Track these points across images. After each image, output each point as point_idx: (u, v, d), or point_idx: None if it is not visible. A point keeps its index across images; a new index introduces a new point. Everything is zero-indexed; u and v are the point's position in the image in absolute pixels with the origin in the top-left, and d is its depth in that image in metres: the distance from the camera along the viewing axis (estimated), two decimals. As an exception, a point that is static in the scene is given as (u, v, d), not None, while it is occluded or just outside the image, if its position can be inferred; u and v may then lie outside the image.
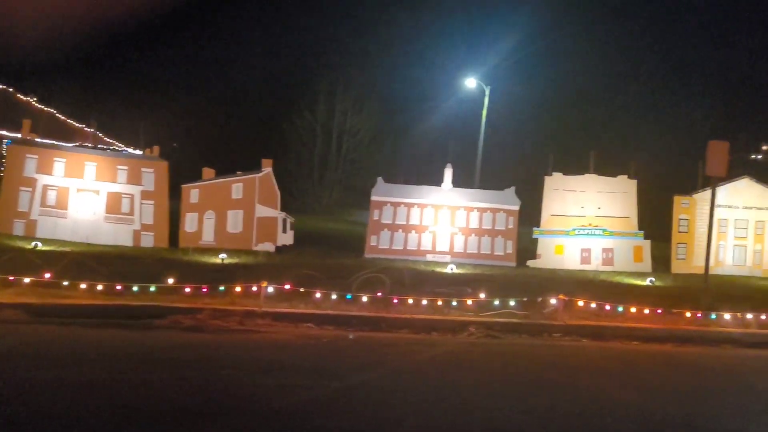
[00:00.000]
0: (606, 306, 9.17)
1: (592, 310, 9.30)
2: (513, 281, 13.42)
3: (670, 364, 7.74)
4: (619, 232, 17.73)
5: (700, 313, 9.43)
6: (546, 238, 17.51)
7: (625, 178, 17.95)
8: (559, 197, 17.68)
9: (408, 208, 16.90)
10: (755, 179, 17.97)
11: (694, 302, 11.44)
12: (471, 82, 31.12)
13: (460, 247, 17.01)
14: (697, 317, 9.40)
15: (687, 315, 9.35)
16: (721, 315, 9.48)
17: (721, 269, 17.86)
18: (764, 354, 8.60)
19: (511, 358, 7.40)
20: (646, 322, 9.13)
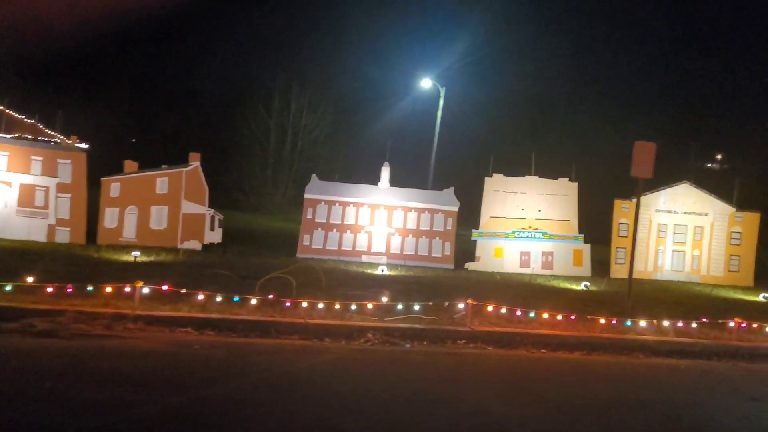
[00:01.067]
0: (517, 311, 8.61)
1: (504, 315, 8.73)
2: (442, 284, 12.84)
3: (571, 374, 7.20)
4: (559, 236, 17.36)
5: (615, 320, 8.96)
6: (485, 240, 17.03)
7: (567, 180, 17.61)
8: (500, 199, 17.24)
9: (343, 207, 16.22)
10: (694, 185, 17.82)
11: (622, 308, 11.03)
12: (426, 82, 30.70)
13: (396, 248, 16.40)
14: (612, 324, 8.92)
15: (601, 321, 8.85)
16: (637, 322, 9.01)
17: (660, 275, 17.68)
18: (675, 363, 8.15)
19: (399, 367, 6.76)
20: (560, 329, 8.61)
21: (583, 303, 11.47)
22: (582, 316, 8.89)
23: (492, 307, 8.52)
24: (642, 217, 17.65)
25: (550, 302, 11.15)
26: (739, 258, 17.58)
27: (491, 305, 8.56)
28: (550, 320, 8.72)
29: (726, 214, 17.62)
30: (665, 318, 9.44)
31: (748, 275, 17.52)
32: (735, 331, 9.23)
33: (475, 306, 8.28)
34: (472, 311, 8.24)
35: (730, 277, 17.48)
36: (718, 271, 17.59)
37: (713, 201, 17.66)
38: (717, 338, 9.17)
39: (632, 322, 8.97)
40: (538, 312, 8.68)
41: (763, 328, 9.44)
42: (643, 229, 17.66)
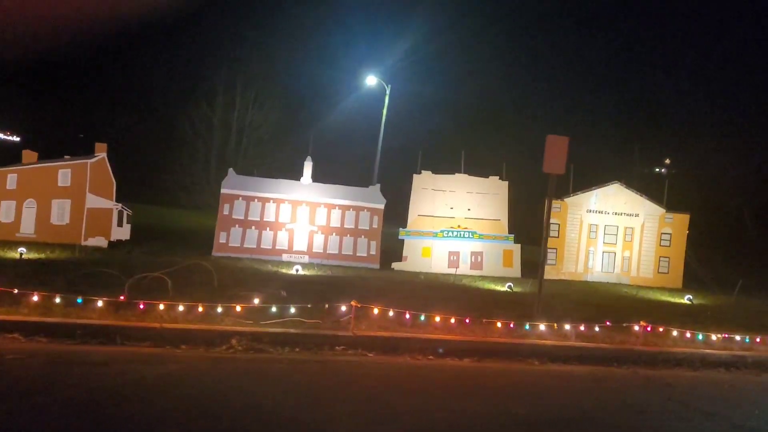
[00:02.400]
0: (405, 314, 7.82)
1: (398, 319, 7.95)
2: (356, 285, 12.00)
3: (449, 384, 6.45)
4: (489, 236, 16.77)
5: (513, 324, 8.27)
6: (413, 240, 16.31)
7: (497, 179, 17.04)
8: (428, 197, 16.54)
9: (262, 203, 15.25)
10: (625, 185, 17.48)
11: (548, 311, 10.41)
12: (371, 79, 29.94)
13: (319, 246, 15.52)
14: (510, 328, 8.23)
15: (498, 325, 8.15)
16: (537, 325, 8.35)
17: (590, 276, 17.27)
18: (570, 370, 7.50)
19: (252, 378, 5.89)
20: (455, 333, 7.87)
21: (496, 305, 10.80)
22: (478, 320, 8.18)
23: (377, 310, 7.70)
24: (573, 218, 17.24)
25: (461, 303, 10.46)
26: (669, 259, 17.31)
27: (377, 308, 7.75)
28: (444, 324, 7.98)
29: (656, 215, 17.34)
30: (576, 321, 8.83)
31: (677, 277, 17.27)
32: (641, 334, 8.67)
33: (359, 309, 7.46)
34: (357, 314, 7.42)
35: (660, 279, 17.20)
36: (648, 272, 17.29)
37: (644, 202, 17.36)
38: (623, 342, 8.59)
39: (531, 325, 8.30)
40: (429, 315, 7.92)
41: (670, 331, 8.91)
42: (573, 229, 17.24)
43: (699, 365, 8.34)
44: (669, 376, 7.78)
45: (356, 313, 7.45)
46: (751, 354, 8.72)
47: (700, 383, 7.64)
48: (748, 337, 9.00)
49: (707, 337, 8.89)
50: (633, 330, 8.72)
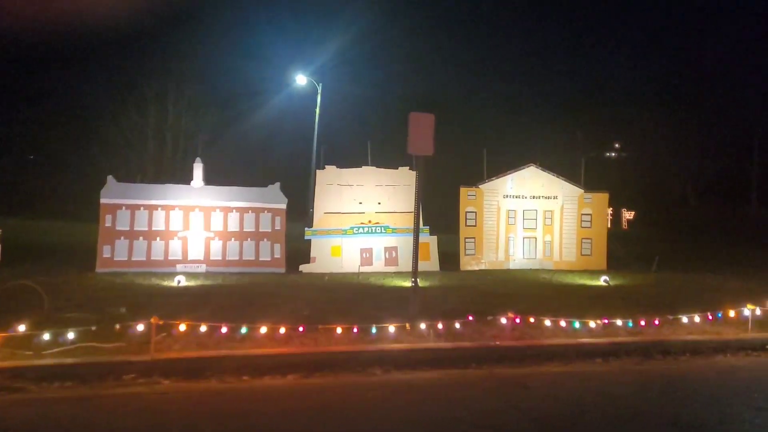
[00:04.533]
0: (222, 328, 6.59)
1: (221, 333, 6.70)
2: (235, 294, 10.77)
3: (250, 408, 5.25)
4: (402, 229, 15.60)
5: (357, 328, 7.09)
6: (320, 239, 15.07)
7: (407, 169, 15.89)
8: (334, 193, 15.32)
9: (149, 211, 13.85)
10: (541, 167, 16.49)
11: (434, 308, 9.33)
12: (301, 78, 28.74)
13: (217, 253, 14.18)
14: (354, 333, 7.05)
15: (338, 331, 6.97)
16: (386, 328, 7.18)
17: (512, 263, 16.25)
18: (413, 377, 6.34)
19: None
20: (289, 345, 6.67)
21: (380, 305, 9.67)
22: (313, 327, 6.98)
23: (185, 326, 6.44)
24: (489, 205, 16.20)
25: (341, 306, 9.30)
26: (591, 241, 16.38)
27: (185, 323, 6.49)
28: (272, 335, 6.77)
29: (575, 196, 16.39)
30: (461, 317, 7.72)
31: (601, 258, 16.34)
32: (508, 328, 7.58)
33: (161, 326, 6.19)
34: (157, 332, 6.16)
35: (584, 262, 16.25)
36: (571, 256, 16.33)
37: (561, 183, 16.40)
38: (494, 338, 7.49)
39: (380, 328, 7.13)
40: (254, 327, 6.69)
41: (542, 321, 7.83)
42: (491, 217, 16.20)
43: (574, 357, 7.28)
44: (532, 374, 6.69)
45: (159, 331, 6.19)
46: (634, 340, 7.69)
47: (566, 380, 6.56)
48: (631, 321, 7.97)
49: (585, 324, 7.83)
50: (499, 323, 7.62)
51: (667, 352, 7.56)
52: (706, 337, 7.94)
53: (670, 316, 8.29)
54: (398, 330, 7.19)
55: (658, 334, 7.99)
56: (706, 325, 8.41)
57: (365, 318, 7.77)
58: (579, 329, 7.80)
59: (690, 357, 7.57)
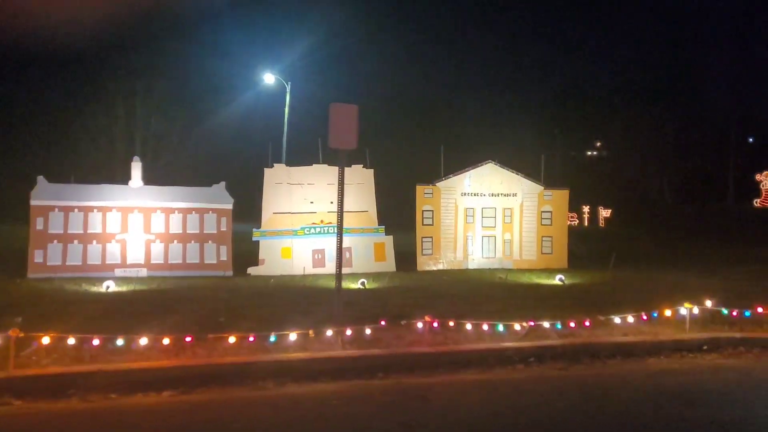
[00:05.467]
0: (94, 340, 5.95)
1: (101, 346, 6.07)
2: (157, 301, 10.12)
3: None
4: (356, 229, 15.04)
5: (253, 337, 6.49)
6: (269, 240, 14.46)
7: (360, 167, 15.33)
8: (284, 192, 14.72)
9: (85, 213, 13.18)
10: (499, 164, 15.97)
11: (368, 311, 8.80)
12: (269, 77, 28.15)
13: (159, 257, 13.53)
14: (250, 342, 6.45)
15: (231, 340, 6.36)
16: (286, 335, 6.58)
17: (471, 263, 15.71)
18: (308, 391, 5.75)
19: None
20: (176, 357, 6.06)
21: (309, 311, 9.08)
22: (203, 337, 6.36)
23: (48, 339, 5.80)
24: (447, 203, 15.66)
25: (263, 311, 8.71)
26: (552, 239, 15.87)
27: (50, 335, 5.84)
28: (166, 346, 6.15)
29: (535, 194, 15.87)
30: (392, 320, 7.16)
31: (562, 256, 15.84)
32: (426, 332, 7.01)
33: (20, 339, 5.56)
34: (16, 346, 5.52)
35: (544, 260, 15.73)
36: (531, 254, 15.81)
37: (521, 180, 15.88)
38: (412, 343, 6.92)
39: (280, 336, 6.53)
40: (131, 338, 6.06)
41: (463, 326, 7.27)
42: (448, 215, 15.65)
43: (494, 363, 6.72)
44: (441, 384, 6.12)
45: (22, 344, 5.55)
46: (562, 343, 7.14)
47: (476, 389, 6.00)
48: (560, 323, 7.42)
49: (510, 327, 7.28)
50: (415, 327, 7.05)
51: (596, 356, 7.02)
52: (639, 338, 7.41)
53: (602, 317, 7.75)
54: (301, 337, 6.59)
55: (592, 336, 7.45)
56: (644, 326, 7.89)
57: (284, 324, 7.20)
58: (503, 332, 7.24)
59: (621, 360, 7.03)
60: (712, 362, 7.11)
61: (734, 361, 7.17)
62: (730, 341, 7.51)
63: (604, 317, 7.72)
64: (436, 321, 7.02)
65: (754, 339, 7.58)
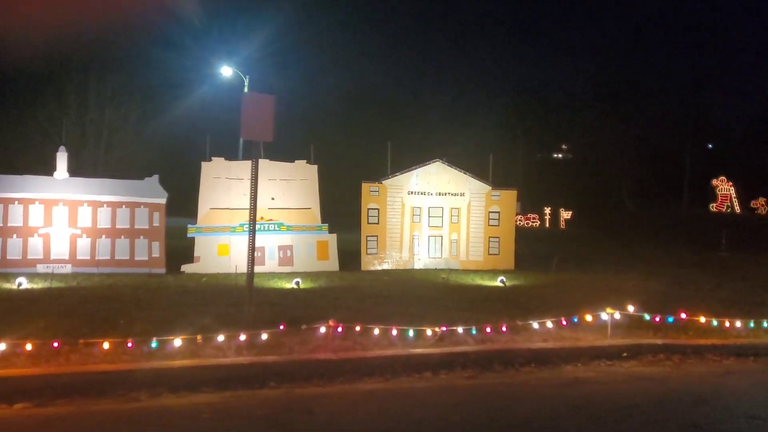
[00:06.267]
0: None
1: None
2: (70, 299, 9.46)
3: None
4: (298, 227, 14.52)
5: (132, 343, 5.93)
6: (205, 237, 13.83)
7: (304, 163, 14.80)
8: (222, 187, 14.09)
9: (5, 205, 12.39)
10: (447, 163, 15.62)
11: (286, 313, 8.31)
12: (227, 70, 27.37)
13: (85, 252, 12.80)
14: (128, 348, 5.89)
15: (105, 346, 5.80)
16: (170, 340, 6.04)
17: (417, 263, 15.32)
18: (184, 402, 5.22)
19: None
20: (56, 363, 5.48)
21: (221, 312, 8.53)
22: (74, 342, 5.78)
23: None
24: (393, 201, 15.24)
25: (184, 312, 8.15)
26: (499, 239, 15.58)
27: None
28: (37, 351, 5.55)
29: (482, 194, 15.55)
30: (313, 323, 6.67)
31: (509, 258, 15.56)
32: (330, 338, 6.55)
33: None
34: None
35: (491, 261, 15.43)
36: (478, 255, 15.50)
37: (468, 179, 15.54)
38: (315, 350, 6.45)
39: (162, 341, 5.99)
40: None
41: (370, 331, 6.83)
42: (395, 214, 15.23)
43: (400, 371, 6.29)
44: (336, 394, 5.66)
45: None
46: (475, 349, 6.75)
47: (370, 400, 5.56)
48: (475, 328, 7.04)
49: (421, 333, 6.86)
50: (317, 333, 6.59)
51: (509, 363, 6.64)
52: (557, 344, 7.07)
53: (520, 321, 7.40)
54: (188, 343, 6.06)
55: (509, 342, 7.09)
56: (567, 331, 7.56)
57: (187, 327, 6.67)
58: (414, 338, 6.82)
59: (535, 368, 6.67)
60: (629, 370, 6.80)
61: (653, 368, 6.89)
62: (651, 348, 7.23)
63: (522, 322, 7.36)
64: (340, 326, 6.56)
65: (676, 346, 7.32)
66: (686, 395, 5.99)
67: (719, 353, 7.32)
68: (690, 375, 6.69)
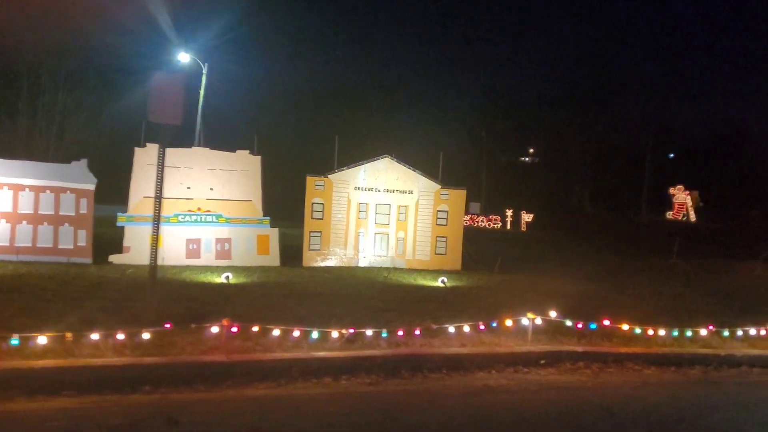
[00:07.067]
0: None
1: None
2: None
3: None
4: (238, 219, 13.88)
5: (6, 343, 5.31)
6: (137, 226, 13.08)
7: (246, 153, 14.17)
8: (157, 175, 13.34)
9: None
10: (396, 159, 15.17)
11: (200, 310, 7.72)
12: (184, 56, 26.47)
13: (5, 239, 11.96)
14: None
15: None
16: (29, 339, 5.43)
17: (362, 260, 14.84)
18: (36, 408, 4.64)
19: None
20: None
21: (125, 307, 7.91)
22: None
23: None
24: (339, 197, 14.71)
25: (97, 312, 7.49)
26: (446, 239, 15.20)
27: None
28: None
29: (431, 192, 15.15)
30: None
31: (456, 258, 15.18)
32: (223, 338, 6.02)
33: None
34: None
35: (438, 261, 15.03)
36: (425, 254, 15.08)
37: (417, 177, 15.12)
38: (208, 351, 5.90)
39: (23, 338, 5.37)
40: None
41: (269, 331, 6.31)
42: (340, 209, 14.72)
43: (297, 376, 5.79)
44: (216, 400, 5.15)
45: None
46: (383, 353, 6.30)
47: (248, 410, 5.05)
48: (386, 331, 6.59)
49: (326, 334, 6.38)
50: (208, 333, 6.05)
51: (418, 369, 6.22)
52: (473, 350, 6.67)
53: (435, 325, 6.98)
54: (55, 341, 5.46)
55: (424, 346, 6.66)
56: (487, 335, 7.17)
57: (73, 323, 6.08)
58: (322, 340, 6.33)
59: (446, 374, 6.26)
60: (545, 378, 6.45)
61: (569, 377, 6.55)
62: (570, 355, 6.89)
63: (437, 326, 6.94)
64: (235, 325, 6.03)
65: (597, 353, 7.00)
66: (595, 407, 5.64)
67: (640, 362, 7.03)
68: (606, 385, 6.37)
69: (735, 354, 7.50)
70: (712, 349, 7.59)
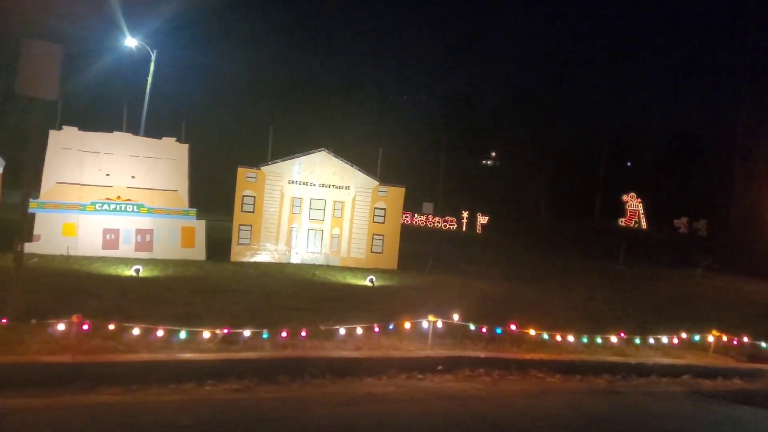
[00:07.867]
0: None
1: None
2: None
3: None
4: (162, 209, 13.06)
5: None
6: (49, 214, 12.16)
7: (173, 141, 13.37)
8: (74, 159, 12.45)
9: None
10: (333, 153, 14.58)
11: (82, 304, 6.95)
12: (131, 41, 25.30)
13: None
14: None
15: None
16: None
17: (294, 257, 14.18)
18: None
19: None
20: None
21: None
22: None
23: None
24: (272, 190, 14.03)
25: None
26: (383, 237, 14.67)
27: None
28: None
29: (369, 188, 14.60)
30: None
31: (392, 257, 14.66)
32: (74, 336, 5.33)
33: None
34: None
35: (373, 259, 14.50)
36: (360, 252, 14.52)
37: (355, 173, 14.55)
38: (107, 351, 5.21)
39: None
40: None
41: (129, 329, 5.65)
42: (272, 203, 14.03)
43: (153, 381, 5.15)
44: (46, 407, 4.47)
45: None
46: (260, 356, 5.71)
47: (74, 419, 4.39)
48: (267, 332, 5.99)
49: (197, 334, 5.76)
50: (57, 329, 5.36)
51: (299, 374, 5.64)
52: (365, 353, 6.13)
53: (323, 326, 6.42)
54: None
55: (318, 348, 6.09)
56: (386, 338, 6.65)
57: None
58: (188, 341, 5.70)
59: (329, 380, 5.70)
60: (438, 386, 5.96)
61: (466, 385, 6.07)
62: (470, 362, 6.42)
63: (325, 327, 6.38)
64: (86, 323, 5.35)
65: (499, 360, 6.55)
66: (482, 420, 5.17)
67: (545, 370, 6.61)
68: (501, 394, 5.91)
69: (646, 363, 7.17)
70: (623, 357, 7.25)
